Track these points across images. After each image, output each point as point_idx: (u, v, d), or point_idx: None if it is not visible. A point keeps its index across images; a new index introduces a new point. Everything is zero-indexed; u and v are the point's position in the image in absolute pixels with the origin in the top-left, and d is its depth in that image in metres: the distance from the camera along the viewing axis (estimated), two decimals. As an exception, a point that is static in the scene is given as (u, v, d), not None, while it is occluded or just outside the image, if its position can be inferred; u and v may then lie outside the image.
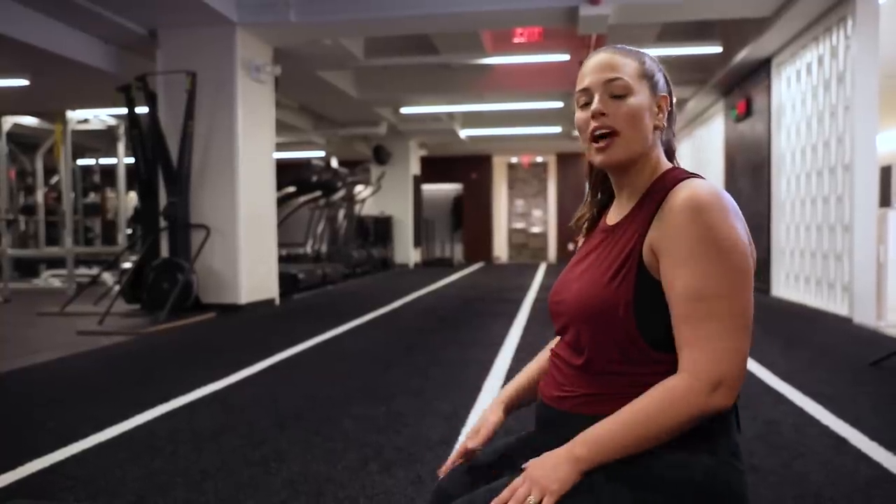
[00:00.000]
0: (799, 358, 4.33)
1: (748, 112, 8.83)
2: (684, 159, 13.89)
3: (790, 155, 7.58)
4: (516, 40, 9.34)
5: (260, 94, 7.31)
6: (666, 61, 1.21)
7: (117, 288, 7.94)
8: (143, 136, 7.08)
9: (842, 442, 2.65)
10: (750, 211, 8.87)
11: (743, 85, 9.04)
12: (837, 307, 6.30)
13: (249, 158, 7.05)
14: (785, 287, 7.76)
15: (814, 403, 3.21)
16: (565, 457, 0.99)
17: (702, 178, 1.08)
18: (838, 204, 6.32)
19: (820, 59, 6.71)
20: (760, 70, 8.29)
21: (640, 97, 1.11)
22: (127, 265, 7.88)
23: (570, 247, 17.37)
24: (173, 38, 6.88)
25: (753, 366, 4.06)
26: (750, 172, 8.94)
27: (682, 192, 1.04)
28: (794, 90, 7.45)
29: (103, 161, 12.96)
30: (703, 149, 12.02)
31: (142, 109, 6.99)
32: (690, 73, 9.79)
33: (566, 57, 8.60)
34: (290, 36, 7.22)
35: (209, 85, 6.82)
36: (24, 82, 7.59)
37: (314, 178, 10.05)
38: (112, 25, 6.63)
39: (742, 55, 7.85)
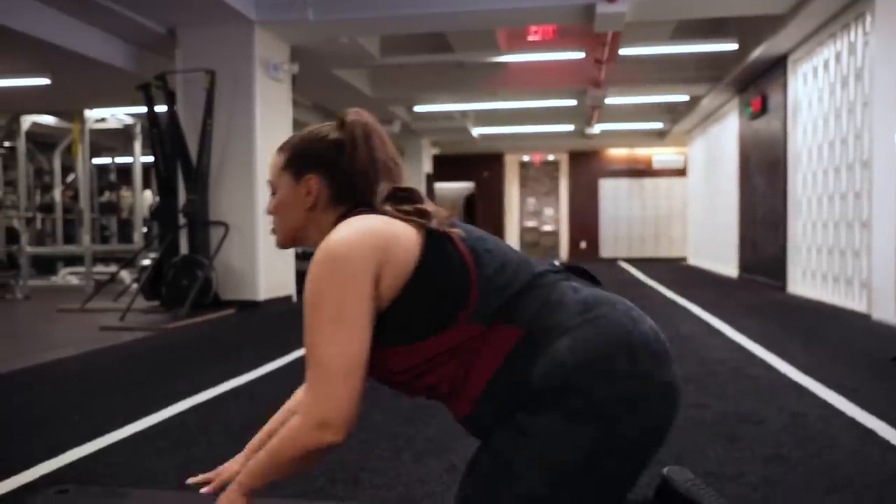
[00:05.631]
0: (819, 353, 4.33)
1: (763, 109, 8.83)
2: (697, 157, 13.89)
3: (807, 152, 7.58)
4: (531, 38, 9.35)
5: (277, 92, 7.36)
6: (679, 59, 1.27)
7: (135, 285, 8.02)
8: (161, 134, 7.14)
9: (869, 433, 2.67)
10: (765, 208, 8.87)
11: (758, 82, 9.03)
12: (856, 303, 6.30)
13: (268, 156, 7.10)
14: (801, 284, 7.76)
15: (838, 396, 3.22)
16: (237, 482, 1.23)
17: (354, 224, 1.20)
18: (856, 200, 6.31)
19: (837, 56, 6.70)
20: (776, 67, 8.29)
21: (283, 191, 1.31)
22: (146, 262, 7.95)
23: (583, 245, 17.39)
24: (192, 36, 6.94)
25: (775, 360, 4.07)
26: (765, 170, 8.93)
27: None
28: (810, 87, 7.44)
29: (119, 160, 13.07)
30: (717, 146, 12.01)
31: (159, 108, 7.05)
32: (705, 70, 9.78)
33: (581, 55, 8.61)
34: (307, 34, 7.27)
35: (227, 83, 6.88)
36: (45, 81, 7.68)
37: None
38: (132, 24, 6.70)
39: (758, 52, 7.85)
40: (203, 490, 1.46)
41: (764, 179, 8.97)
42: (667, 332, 4.80)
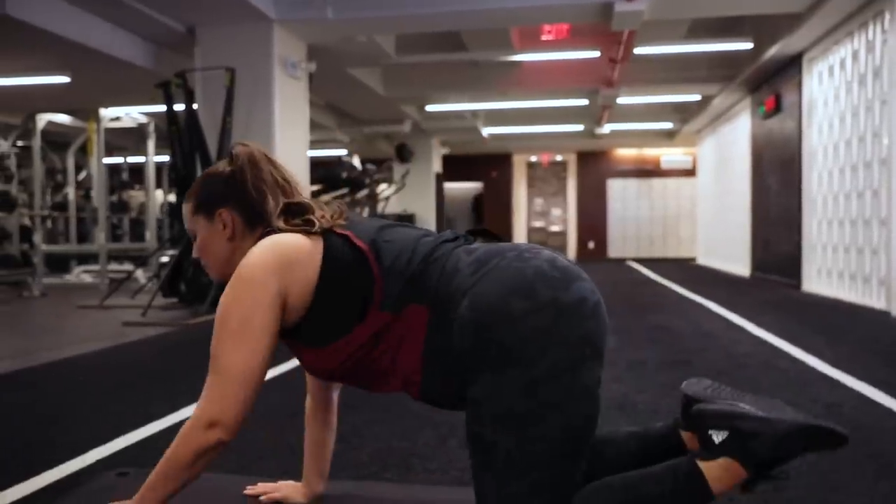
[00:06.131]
0: (844, 348, 4.36)
1: (777, 108, 8.85)
2: (707, 157, 13.90)
3: (822, 150, 7.60)
4: (544, 37, 9.38)
5: (295, 90, 7.40)
6: (692, 58, 1.30)
7: (152, 283, 8.06)
8: (180, 131, 7.17)
9: (907, 422, 2.70)
10: (779, 207, 8.89)
11: (772, 81, 9.05)
12: (874, 301, 6.32)
13: (285, 154, 7.14)
14: (817, 282, 7.78)
15: (870, 387, 3.25)
16: (138, 496, 1.26)
17: (260, 246, 1.29)
18: (874, 198, 6.33)
19: (855, 54, 6.73)
20: (791, 66, 8.31)
21: (202, 232, 1.40)
22: (165, 259, 7.98)
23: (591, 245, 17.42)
24: (211, 34, 6.98)
25: (801, 354, 4.10)
26: (778, 169, 8.95)
27: None
28: (826, 86, 7.47)
29: (130, 159, 13.11)
30: (728, 146, 12.03)
31: (176, 106, 7.08)
32: (717, 69, 9.79)
33: (596, 54, 8.64)
34: (326, 32, 7.30)
35: (246, 81, 6.91)
36: (65, 79, 7.72)
37: (344, 175, 10.14)
38: (152, 22, 6.73)
39: (772, 51, 7.87)
40: (262, 499, 1.60)
41: (777, 178, 8.99)
42: (688, 327, 4.83)
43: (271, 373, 3.62)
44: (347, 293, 1.27)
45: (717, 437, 1.23)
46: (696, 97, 11.27)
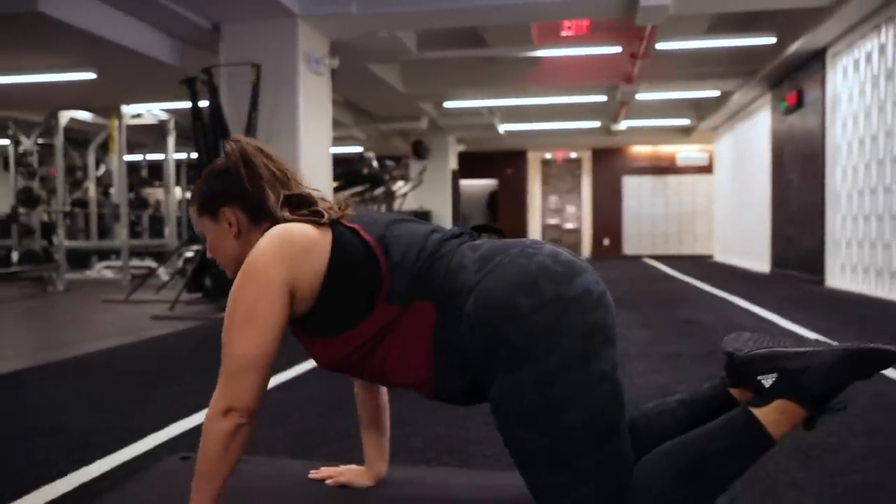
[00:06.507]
0: (879, 339, 4.33)
1: (799, 104, 8.81)
2: (725, 154, 13.85)
3: (846, 145, 7.56)
4: (564, 33, 9.37)
5: (318, 86, 7.42)
6: (712, 54, 1.29)
7: (175, 278, 8.12)
8: (205, 127, 7.21)
9: (956, 412, 2.69)
10: (801, 202, 8.85)
11: (794, 76, 9.01)
12: (901, 296, 6.29)
13: (309, 150, 7.17)
14: (840, 277, 7.74)
15: (912, 379, 3.24)
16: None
17: (267, 237, 1.30)
18: (902, 192, 6.30)
19: (881, 48, 6.69)
20: (814, 61, 8.27)
21: (210, 233, 1.41)
22: (189, 255, 8.04)
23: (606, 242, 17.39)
24: (236, 30, 7.01)
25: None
26: (800, 164, 8.91)
27: None
28: (850, 80, 7.43)
29: (150, 156, 13.19)
30: (747, 142, 11.98)
31: (201, 102, 7.11)
32: (738, 65, 9.74)
33: (618, 49, 8.62)
34: (349, 28, 7.31)
35: (271, 77, 6.93)
36: (91, 76, 7.78)
37: (364, 172, 10.17)
38: (178, 19, 6.77)
39: (795, 46, 7.84)
40: (328, 482, 1.64)
41: (799, 174, 8.95)
42: (718, 321, 4.82)
43: (307, 365, 3.65)
44: (355, 285, 1.28)
45: (767, 381, 1.22)
46: (715, 93, 11.22)
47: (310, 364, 3.70)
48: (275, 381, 3.31)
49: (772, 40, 8.34)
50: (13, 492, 1.93)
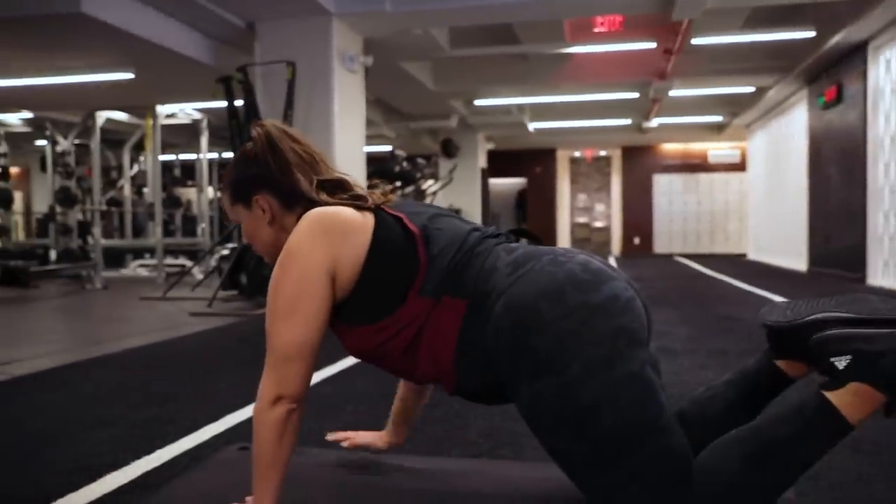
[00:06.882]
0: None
1: (838, 98, 8.65)
2: (758, 150, 13.66)
3: (889, 140, 7.41)
4: (597, 29, 9.30)
5: (352, 84, 7.45)
6: (748, 49, 1.25)
7: (211, 276, 8.20)
8: (241, 126, 7.27)
9: None
10: (840, 199, 8.69)
11: (832, 71, 8.85)
12: (948, 293, 6.15)
13: (343, 148, 7.19)
14: (883, 275, 7.58)
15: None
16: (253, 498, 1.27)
17: (305, 220, 1.29)
18: (948, 188, 6.16)
19: (927, 40, 6.55)
20: (854, 55, 8.11)
21: (244, 221, 1.40)
22: (225, 252, 8.11)
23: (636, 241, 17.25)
24: (271, 29, 7.06)
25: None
26: (840, 160, 8.75)
27: None
28: (894, 74, 7.28)
29: (182, 156, 13.36)
30: (782, 138, 11.80)
31: (236, 101, 7.17)
32: (773, 60, 9.60)
33: (652, 45, 8.54)
34: (383, 26, 7.33)
35: (306, 75, 6.97)
36: (129, 75, 7.88)
37: (396, 169, 10.19)
38: (214, 18, 6.84)
39: (835, 40, 7.70)
40: (343, 444, 1.68)
41: (838, 170, 8.78)
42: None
43: (352, 360, 3.65)
44: (392, 274, 1.27)
45: (841, 363, 1.17)
46: (750, 89, 11.06)
47: (346, 362, 3.71)
48: (322, 374, 3.32)
49: (810, 34, 8.20)
50: (89, 475, 1.99)
